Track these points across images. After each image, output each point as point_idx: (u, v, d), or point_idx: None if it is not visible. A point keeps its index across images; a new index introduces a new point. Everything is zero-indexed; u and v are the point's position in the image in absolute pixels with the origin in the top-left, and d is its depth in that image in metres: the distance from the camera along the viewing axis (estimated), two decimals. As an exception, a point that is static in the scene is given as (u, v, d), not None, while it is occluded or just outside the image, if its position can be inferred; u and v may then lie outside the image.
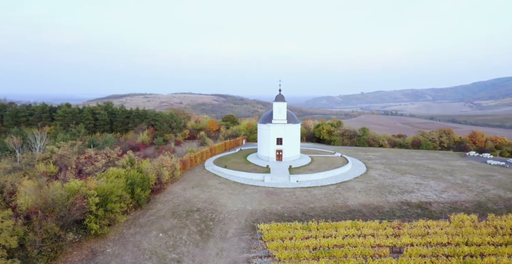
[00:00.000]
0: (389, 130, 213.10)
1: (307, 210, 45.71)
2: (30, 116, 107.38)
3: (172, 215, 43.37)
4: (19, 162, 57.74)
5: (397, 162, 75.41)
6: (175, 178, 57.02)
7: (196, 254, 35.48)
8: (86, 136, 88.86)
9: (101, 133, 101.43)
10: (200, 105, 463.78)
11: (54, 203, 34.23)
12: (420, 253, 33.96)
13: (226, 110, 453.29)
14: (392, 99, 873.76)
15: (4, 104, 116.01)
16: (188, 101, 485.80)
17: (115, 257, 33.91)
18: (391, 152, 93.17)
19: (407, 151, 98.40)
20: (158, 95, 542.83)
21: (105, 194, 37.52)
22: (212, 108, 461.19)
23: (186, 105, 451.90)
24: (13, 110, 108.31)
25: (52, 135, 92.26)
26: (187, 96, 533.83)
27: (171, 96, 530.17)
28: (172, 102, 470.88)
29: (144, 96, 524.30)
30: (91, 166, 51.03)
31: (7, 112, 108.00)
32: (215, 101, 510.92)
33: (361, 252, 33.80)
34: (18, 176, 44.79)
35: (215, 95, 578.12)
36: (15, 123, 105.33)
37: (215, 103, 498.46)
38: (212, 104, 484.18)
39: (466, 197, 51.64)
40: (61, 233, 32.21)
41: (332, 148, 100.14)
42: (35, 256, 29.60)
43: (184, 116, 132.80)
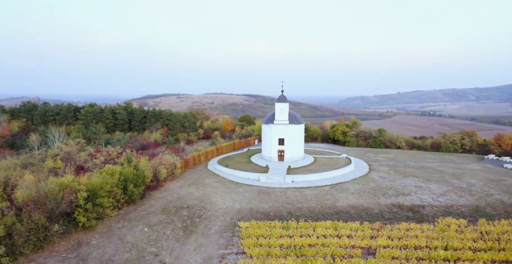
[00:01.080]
0: (425, 132, 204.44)
1: (294, 210, 46.26)
2: (57, 115, 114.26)
3: (162, 211, 45.38)
4: (34, 158, 62.16)
5: (405, 164, 73.77)
6: (174, 176, 59.26)
7: (175, 248, 37.17)
8: (104, 135, 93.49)
9: (120, 131, 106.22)
10: (231, 105, 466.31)
11: (46, 197, 37.10)
12: (393, 256, 33.82)
13: (256, 110, 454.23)
14: (431, 99, 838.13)
15: (35, 104, 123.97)
16: (220, 101, 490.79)
17: (97, 248, 36.25)
18: (404, 154, 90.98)
19: (421, 153, 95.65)
20: (191, 95, 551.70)
21: (94, 189, 40.06)
22: (243, 108, 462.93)
23: (217, 105, 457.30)
24: (42, 109, 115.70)
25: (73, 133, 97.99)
26: (219, 96, 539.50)
27: (203, 96, 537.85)
28: (204, 102, 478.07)
29: (178, 96, 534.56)
30: (90, 162, 54.25)
31: (37, 111, 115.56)
32: (246, 101, 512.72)
33: (332, 252, 34.13)
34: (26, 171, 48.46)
35: (246, 95, 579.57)
36: (44, 122, 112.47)
37: (245, 103, 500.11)
38: (242, 104, 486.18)
39: (465, 201, 50.07)
40: (48, 224, 34.91)
41: (345, 149, 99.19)
42: (21, 245, 32.38)
43: (203, 116, 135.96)
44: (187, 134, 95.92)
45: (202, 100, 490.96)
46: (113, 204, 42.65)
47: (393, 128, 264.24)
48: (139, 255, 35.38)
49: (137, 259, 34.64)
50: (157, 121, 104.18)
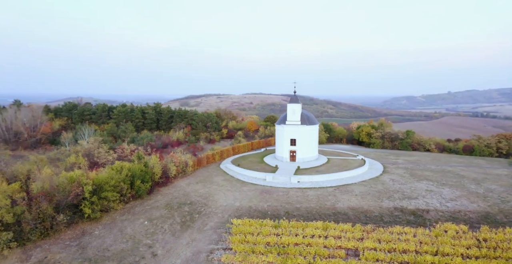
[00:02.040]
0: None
1: (292, 209, 46.79)
2: (93, 114, 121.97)
3: (165, 206, 47.80)
4: (61, 154, 67.42)
5: (425, 167, 71.21)
6: (186, 173, 61.75)
7: (169, 241, 39.28)
8: (132, 133, 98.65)
9: (148, 130, 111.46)
10: (269, 105, 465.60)
11: (56, 189, 40.67)
12: (377, 258, 33.63)
13: None
14: (486, 99, 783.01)
15: (75, 104, 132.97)
16: (258, 101, 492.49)
17: (98, 238, 39.19)
18: (428, 157, 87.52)
19: (449, 156, 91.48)
20: (230, 96, 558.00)
21: (100, 184, 43.18)
22: (281, 108, 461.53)
23: (255, 105, 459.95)
24: (80, 109, 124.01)
25: (107, 132, 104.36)
26: (257, 96, 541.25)
27: (242, 97, 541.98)
28: (243, 102, 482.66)
29: (218, 97, 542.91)
30: (104, 159, 58.06)
31: (76, 111, 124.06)
32: (284, 101, 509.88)
33: (315, 252, 34.52)
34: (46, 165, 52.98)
35: (285, 95, 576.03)
36: (81, 121, 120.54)
37: (284, 103, 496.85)
38: (281, 104, 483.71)
39: (475, 207, 47.90)
40: (55, 214, 38.32)
41: (367, 150, 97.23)
42: (28, 231, 35.93)
43: (230, 116, 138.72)
44: (209, 133, 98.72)
45: (241, 100, 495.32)
46: (119, 198, 45.61)
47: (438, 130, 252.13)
48: (134, 246, 37.85)
49: (131, 250, 37.11)
50: (181, 120, 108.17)
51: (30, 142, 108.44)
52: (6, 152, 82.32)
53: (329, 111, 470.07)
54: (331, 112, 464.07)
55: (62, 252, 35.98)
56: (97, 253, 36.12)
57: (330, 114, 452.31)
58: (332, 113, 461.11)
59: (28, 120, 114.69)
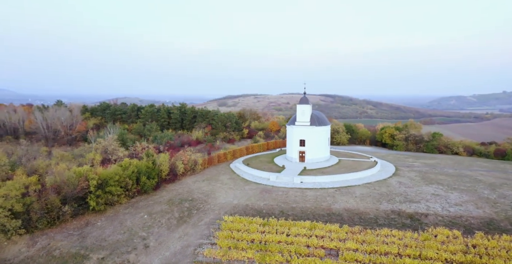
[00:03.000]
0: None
1: (287, 209, 47.61)
2: (124, 114, 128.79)
3: (167, 202, 50.37)
4: (85, 151, 72.49)
5: (441, 171, 68.75)
6: (195, 171, 64.26)
7: (162, 235, 41.62)
8: (157, 132, 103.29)
9: (173, 129, 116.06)
10: None
11: (65, 183, 44.44)
12: (356, 259, 33.84)
13: (332, 111, 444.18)
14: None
15: (109, 104, 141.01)
16: (295, 101, 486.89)
17: (99, 229, 42.37)
18: (451, 160, 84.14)
19: (474, 160, 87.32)
20: (268, 96, 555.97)
21: (105, 179, 46.49)
22: (318, 108, 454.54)
23: (292, 105, 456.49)
24: (112, 109, 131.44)
25: (134, 131, 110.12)
26: (295, 96, 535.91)
27: (279, 97, 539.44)
28: (280, 102, 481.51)
29: (255, 97, 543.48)
30: (115, 156, 61.84)
31: (108, 110, 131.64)
32: (322, 102, 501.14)
33: (295, 250, 35.30)
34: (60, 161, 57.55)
35: (323, 95, 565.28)
36: (113, 120, 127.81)
37: (321, 103, 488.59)
38: (318, 105, 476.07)
39: (480, 213, 46.14)
40: (61, 205, 41.96)
41: (387, 153, 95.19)
42: (36, 220, 39.72)
43: (255, 116, 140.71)
44: (228, 133, 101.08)
45: (278, 100, 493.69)
46: (124, 193, 48.78)
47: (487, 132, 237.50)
48: (129, 237, 40.56)
49: (126, 241, 39.83)
50: (203, 120, 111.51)
51: (66, 139, 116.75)
52: (43, 148, 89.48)
53: (369, 112, 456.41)
54: (370, 113, 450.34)
55: (64, 240, 39.40)
56: (95, 243, 39.16)
57: (369, 114, 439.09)
58: (372, 113, 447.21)
59: (65, 119, 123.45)
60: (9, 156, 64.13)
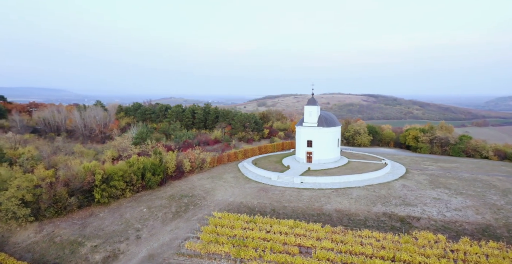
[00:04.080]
0: None
1: (279, 207, 48.79)
2: (153, 114, 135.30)
3: (169, 197, 53.34)
4: (107, 148, 77.85)
5: (454, 175, 66.16)
6: (203, 169, 67.02)
7: (155, 227, 44.56)
8: (180, 131, 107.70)
9: (196, 129, 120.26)
10: (347, 106, 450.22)
11: (74, 176, 48.78)
12: (328, 258, 34.58)
13: (374, 111, 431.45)
14: None
15: (140, 104, 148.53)
16: (336, 101, 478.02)
17: (100, 219, 46.12)
18: (473, 164, 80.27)
19: (501, 165, 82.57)
20: (307, 96, 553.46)
21: (110, 174, 50.30)
22: (360, 109, 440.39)
23: (332, 106, 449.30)
24: (143, 109, 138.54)
25: (160, 129, 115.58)
26: (335, 96, 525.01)
27: (320, 97, 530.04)
28: (320, 102, 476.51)
29: (295, 97, 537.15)
30: (126, 153, 65.94)
31: (139, 110, 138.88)
32: (364, 102, 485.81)
33: (271, 246, 36.63)
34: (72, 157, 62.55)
35: (365, 95, 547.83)
36: (143, 119, 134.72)
37: (363, 103, 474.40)
38: (360, 105, 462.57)
39: (478, 219, 44.61)
40: (68, 197, 46.19)
41: (408, 155, 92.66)
42: (44, 209, 44.14)
43: (279, 116, 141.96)
44: (247, 133, 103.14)
45: (318, 100, 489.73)
46: (129, 187, 52.40)
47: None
48: (124, 228, 43.89)
49: (121, 231, 43.17)
50: (224, 120, 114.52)
51: (100, 137, 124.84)
52: (77, 145, 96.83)
53: (415, 112, 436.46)
54: (416, 114, 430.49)
55: (67, 228, 43.47)
56: (93, 232, 42.85)
57: (415, 115, 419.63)
58: (418, 114, 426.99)
59: (100, 118, 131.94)
60: (40, 151, 70.76)
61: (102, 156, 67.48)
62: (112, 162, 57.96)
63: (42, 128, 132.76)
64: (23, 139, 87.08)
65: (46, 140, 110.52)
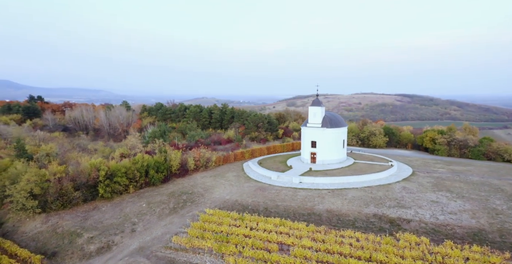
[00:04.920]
0: None
1: (271, 206, 49.83)
2: (172, 113, 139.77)
3: (169, 194, 55.74)
4: (122, 146, 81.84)
5: (462, 178, 64.30)
6: (208, 167, 69.11)
7: (151, 222, 46.97)
8: (196, 131, 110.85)
9: (213, 128, 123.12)
10: (379, 106, 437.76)
11: (80, 172, 52.22)
12: (305, 256, 35.45)
13: (408, 112, 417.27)
14: None
15: (162, 104, 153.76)
16: (367, 101, 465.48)
17: (101, 213, 49.15)
18: (488, 168, 77.29)
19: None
20: (338, 96, 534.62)
21: (114, 171, 53.34)
22: (393, 109, 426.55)
23: (364, 106, 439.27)
24: (163, 109, 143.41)
25: (178, 129, 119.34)
26: (367, 96, 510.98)
27: (351, 97, 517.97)
28: (351, 102, 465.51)
29: (325, 97, 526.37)
30: (133, 151, 69.08)
31: (160, 110, 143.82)
32: (398, 102, 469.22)
33: (252, 243, 37.93)
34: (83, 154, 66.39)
35: (399, 95, 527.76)
36: (164, 119, 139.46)
37: (397, 103, 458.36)
38: (393, 105, 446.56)
39: (472, 223, 43.65)
40: (73, 191, 49.57)
41: (422, 157, 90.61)
42: (51, 202, 47.68)
43: (297, 117, 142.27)
44: (259, 133, 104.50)
45: (349, 101, 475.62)
46: (132, 184, 55.29)
47: None
48: (122, 222, 46.58)
49: (118, 224, 45.88)
50: (239, 120, 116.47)
51: (123, 135, 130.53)
52: (99, 143, 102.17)
53: (452, 113, 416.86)
54: (454, 114, 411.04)
55: (70, 220, 46.75)
56: (92, 224, 45.85)
57: (452, 116, 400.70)
58: (456, 115, 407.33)
59: (123, 117, 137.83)
60: (60, 148, 75.65)
61: (113, 154, 71.11)
62: (121, 159, 61.08)
63: (72, 127, 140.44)
64: (47, 137, 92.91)
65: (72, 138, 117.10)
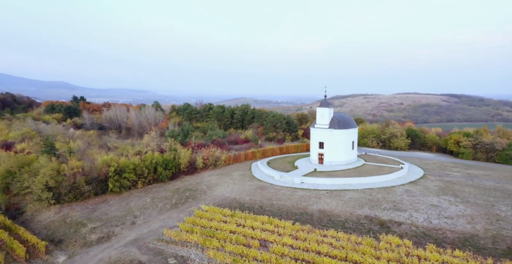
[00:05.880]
0: None
1: (267, 205, 51.19)
2: (197, 114, 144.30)
3: (174, 190, 58.67)
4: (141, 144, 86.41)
5: (475, 183, 61.89)
6: (217, 166, 71.53)
7: (151, 215, 49.99)
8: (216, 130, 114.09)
9: (234, 128, 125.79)
10: (423, 107, 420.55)
11: (93, 168, 56.47)
12: (282, 252, 36.68)
13: (455, 113, 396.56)
14: None
15: (189, 104, 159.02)
16: (410, 102, 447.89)
17: (108, 206, 52.91)
18: (507, 173, 73.64)
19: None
20: (379, 96, 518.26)
21: (123, 167, 57.11)
22: (438, 110, 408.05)
23: (406, 106, 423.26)
24: (189, 109, 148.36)
25: (201, 129, 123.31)
26: (410, 97, 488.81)
27: (392, 97, 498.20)
28: (392, 102, 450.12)
29: (364, 97, 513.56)
30: (145, 149, 72.75)
31: (186, 110, 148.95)
32: (444, 102, 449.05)
33: (235, 239, 39.64)
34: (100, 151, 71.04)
35: (446, 95, 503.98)
36: (189, 119, 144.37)
37: (443, 104, 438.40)
38: (438, 105, 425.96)
39: (467, 228, 42.59)
40: (84, 185, 53.78)
41: (442, 160, 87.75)
42: (64, 194, 52.12)
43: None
44: (277, 133, 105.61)
45: (390, 101, 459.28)
46: (140, 180, 58.82)
47: None
48: (125, 215, 49.97)
49: (120, 217, 49.30)
50: (258, 121, 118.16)
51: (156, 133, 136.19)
52: (127, 141, 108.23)
53: (504, 114, 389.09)
54: (506, 116, 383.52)
55: (79, 211, 50.86)
56: (98, 216, 49.62)
57: (504, 117, 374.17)
58: (509, 116, 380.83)
59: (151, 117, 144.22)
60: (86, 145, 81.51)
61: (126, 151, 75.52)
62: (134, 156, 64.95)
63: (107, 126, 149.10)
64: (79, 134, 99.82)
65: (104, 136, 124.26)
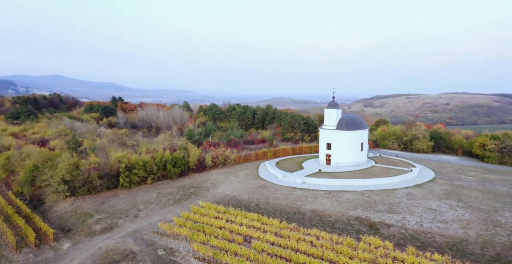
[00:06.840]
0: None
1: (263, 203, 52.73)
2: (221, 114, 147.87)
3: (180, 187, 61.68)
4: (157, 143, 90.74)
5: (486, 188, 59.49)
6: (225, 165, 73.90)
7: (153, 209, 53.18)
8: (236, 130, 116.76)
9: (255, 128, 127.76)
10: (471, 107, 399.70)
11: (107, 164, 60.79)
12: (263, 248, 38.21)
13: (506, 113, 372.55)
14: None
15: (215, 105, 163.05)
16: (457, 102, 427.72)
17: (117, 199, 56.81)
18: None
19: None
20: (423, 96, 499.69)
21: (133, 163, 60.93)
22: (487, 111, 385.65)
23: (452, 107, 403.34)
24: (214, 109, 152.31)
25: (223, 128, 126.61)
26: (457, 97, 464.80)
27: (438, 97, 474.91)
28: (437, 103, 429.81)
29: (407, 97, 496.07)
30: (158, 147, 76.33)
31: (211, 110, 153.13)
32: (495, 102, 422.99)
33: (221, 234, 41.66)
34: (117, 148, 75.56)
35: (498, 94, 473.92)
36: (214, 119, 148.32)
37: (493, 104, 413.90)
38: (488, 106, 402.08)
39: (459, 233, 41.84)
40: (97, 179, 58.09)
41: (463, 163, 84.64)
42: (79, 188, 56.66)
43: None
44: (295, 133, 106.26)
45: (435, 101, 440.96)
46: (150, 176, 62.40)
47: None
48: (129, 208, 53.53)
49: (125, 210, 52.90)
50: (277, 121, 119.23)
51: (176, 133, 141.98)
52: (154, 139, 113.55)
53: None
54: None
55: (90, 203, 55.11)
56: (106, 208, 53.54)
57: None
58: None
59: (177, 117, 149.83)
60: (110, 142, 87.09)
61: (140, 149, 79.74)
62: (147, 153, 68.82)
63: (139, 125, 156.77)
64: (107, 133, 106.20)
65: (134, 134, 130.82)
